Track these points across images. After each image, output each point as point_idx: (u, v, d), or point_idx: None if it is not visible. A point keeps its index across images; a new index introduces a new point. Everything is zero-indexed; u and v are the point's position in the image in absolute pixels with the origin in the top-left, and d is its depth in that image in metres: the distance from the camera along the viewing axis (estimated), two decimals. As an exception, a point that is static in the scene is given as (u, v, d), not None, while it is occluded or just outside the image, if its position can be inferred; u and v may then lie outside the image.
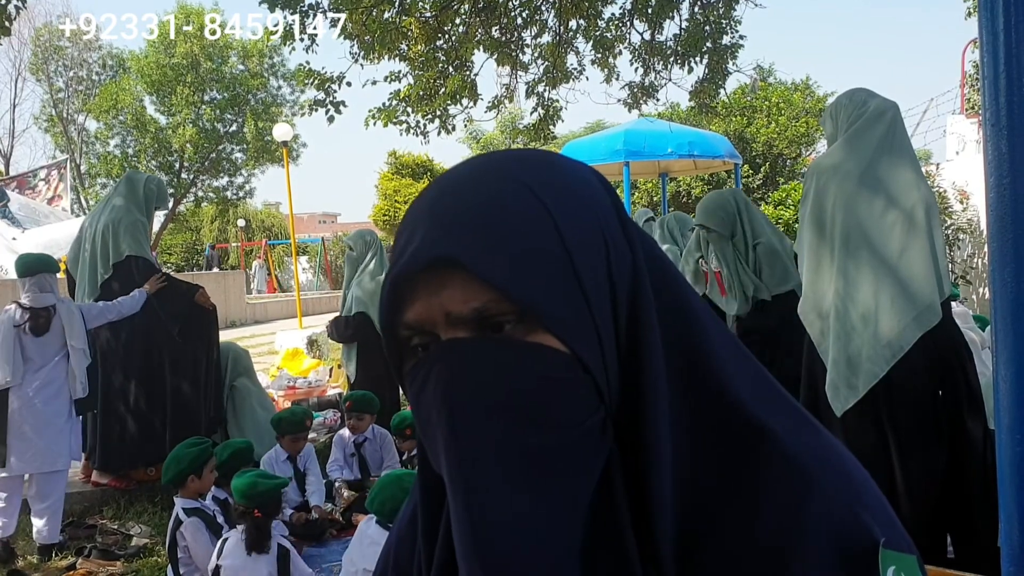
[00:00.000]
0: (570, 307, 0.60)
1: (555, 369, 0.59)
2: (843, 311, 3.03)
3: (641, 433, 0.61)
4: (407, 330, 0.63)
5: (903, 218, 2.98)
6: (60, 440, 4.48)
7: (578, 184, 0.65)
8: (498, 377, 0.58)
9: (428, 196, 0.65)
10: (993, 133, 1.43)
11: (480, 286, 0.59)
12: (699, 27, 7.77)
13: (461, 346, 0.60)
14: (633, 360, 0.62)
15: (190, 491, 3.71)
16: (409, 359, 0.65)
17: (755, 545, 0.60)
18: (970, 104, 15.97)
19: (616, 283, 0.63)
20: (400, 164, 21.95)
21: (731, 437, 0.64)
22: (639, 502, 0.61)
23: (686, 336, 0.65)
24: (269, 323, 18.38)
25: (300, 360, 8.77)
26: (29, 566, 4.31)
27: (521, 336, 0.60)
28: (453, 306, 0.60)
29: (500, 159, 0.66)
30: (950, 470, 3.00)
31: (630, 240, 0.66)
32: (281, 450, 4.87)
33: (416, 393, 0.62)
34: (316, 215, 64.50)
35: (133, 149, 27.20)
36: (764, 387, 0.67)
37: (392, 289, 0.62)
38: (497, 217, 0.60)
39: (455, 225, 0.60)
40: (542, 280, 0.59)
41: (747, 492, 0.62)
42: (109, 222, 5.20)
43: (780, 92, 18.89)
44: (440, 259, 0.59)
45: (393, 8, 7.29)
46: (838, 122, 3.22)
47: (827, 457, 0.65)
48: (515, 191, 0.62)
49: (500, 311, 0.59)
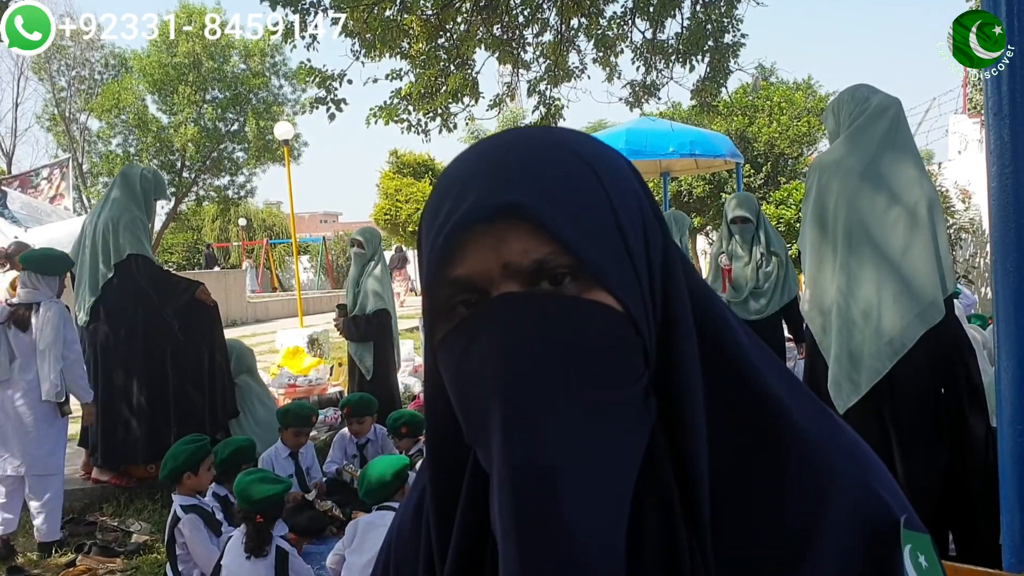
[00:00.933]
0: (622, 267, 0.60)
1: (611, 326, 0.59)
2: (845, 308, 3.02)
3: (677, 402, 0.61)
4: (451, 288, 0.61)
5: (906, 214, 2.96)
6: (47, 442, 4.40)
7: (617, 160, 0.66)
8: (555, 331, 0.57)
9: (473, 157, 0.64)
10: (995, 122, 1.42)
11: (541, 238, 0.58)
12: (701, 26, 7.76)
13: (517, 299, 0.59)
14: (667, 332, 0.63)
15: (186, 488, 3.71)
16: (443, 325, 0.63)
17: (780, 523, 0.61)
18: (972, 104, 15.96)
19: (652, 252, 0.63)
20: (401, 163, 21.91)
21: (755, 416, 0.64)
22: (678, 469, 0.61)
23: (710, 318, 0.66)
24: (270, 322, 18.38)
25: (301, 358, 8.76)
26: (29, 563, 4.31)
27: (576, 293, 0.59)
28: (513, 256, 0.59)
29: (543, 129, 0.66)
30: (952, 468, 2.99)
31: (658, 218, 0.66)
32: (283, 447, 4.86)
33: (459, 355, 0.60)
34: (317, 214, 64.53)
35: (135, 148, 27.20)
36: (778, 372, 0.68)
37: (444, 244, 0.60)
38: (555, 173, 0.60)
39: (516, 178, 0.60)
40: (600, 239, 0.60)
41: (772, 471, 0.63)
42: (108, 220, 5.17)
43: (782, 91, 18.87)
44: (506, 206, 0.58)
45: (394, 6, 7.28)
46: (840, 118, 3.21)
47: (843, 441, 0.67)
48: (568, 156, 0.62)
49: (558, 265, 0.59)
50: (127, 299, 5.15)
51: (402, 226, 20.48)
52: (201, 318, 5.33)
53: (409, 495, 0.82)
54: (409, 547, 0.75)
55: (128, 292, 5.14)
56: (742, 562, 0.61)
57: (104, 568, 4.13)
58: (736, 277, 5.30)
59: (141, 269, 5.15)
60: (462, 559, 0.64)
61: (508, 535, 0.55)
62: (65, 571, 4.10)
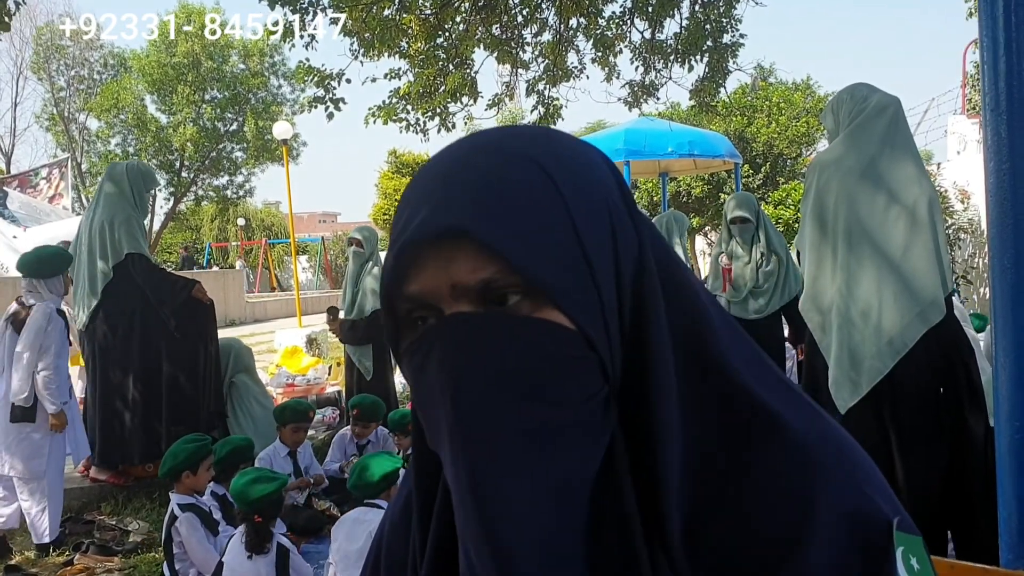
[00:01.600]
0: (577, 283, 0.59)
1: (561, 345, 0.58)
2: (845, 307, 3.02)
3: (648, 411, 0.60)
4: (408, 303, 0.62)
5: (906, 214, 2.96)
6: (25, 447, 4.36)
7: (584, 161, 0.64)
8: (503, 351, 0.57)
9: (431, 170, 0.64)
10: (993, 118, 1.42)
11: (488, 257, 0.58)
12: (700, 26, 7.77)
13: (466, 320, 0.59)
14: (638, 340, 0.62)
15: (185, 487, 3.71)
16: (408, 335, 0.63)
17: (766, 526, 0.60)
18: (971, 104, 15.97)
19: (621, 261, 0.62)
20: (400, 163, 21.95)
21: (737, 418, 0.63)
22: (645, 481, 0.60)
23: (689, 319, 0.65)
24: (268, 322, 18.38)
25: (299, 358, 8.76)
26: (27, 561, 4.30)
27: (527, 311, 0.59)
28: (460, 276, 0.59)
29: (503, 134, 0.65)
30: (951, 468, 2.99)
31: (635, 220, 0.65)
32: (281, 445, 4.86)
33: (416, 368, 0.61)
34: (316, 214, 64.54)
35: (134, 148, 27.20)
36: (764, 370, 0.67)
37: (396, 261, 0.61)
38: (505, 189, 0.59)
39: (463, 196, 0.59)
40: (550, 254, 0.58)
41: (756, 473, 0.62)
42: (103, 220, 5.15)
43: (780, 92, 18.89)
44: (449, 229, 0.58)
45: (393, 5, 7.29)
46: (839, 117, 3.20)
47: (832, 440, 0.65)
48: (522, 165, 0.61)
49: (506, 284, 0.58)
50: (125, 299, 5.14)
51: (401, 226, 20.48)
52: (197, 317, 5.32)
53: (400, 489, 0.82)
54: (400, 540, 0.76)
55: (127, 292, 5.13)
56: (723, 567, 0.60)
57: (102, 567, 4.13)
58: (736, 277, 5.31)
59: (138, 268, 5.15)
60: (439, 555, 0.65)
61: (462, 550, 0.57)
62: (63, 570, 4.10)
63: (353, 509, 3.41)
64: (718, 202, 17.92)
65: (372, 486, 3.33)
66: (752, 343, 0.69)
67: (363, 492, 3.35)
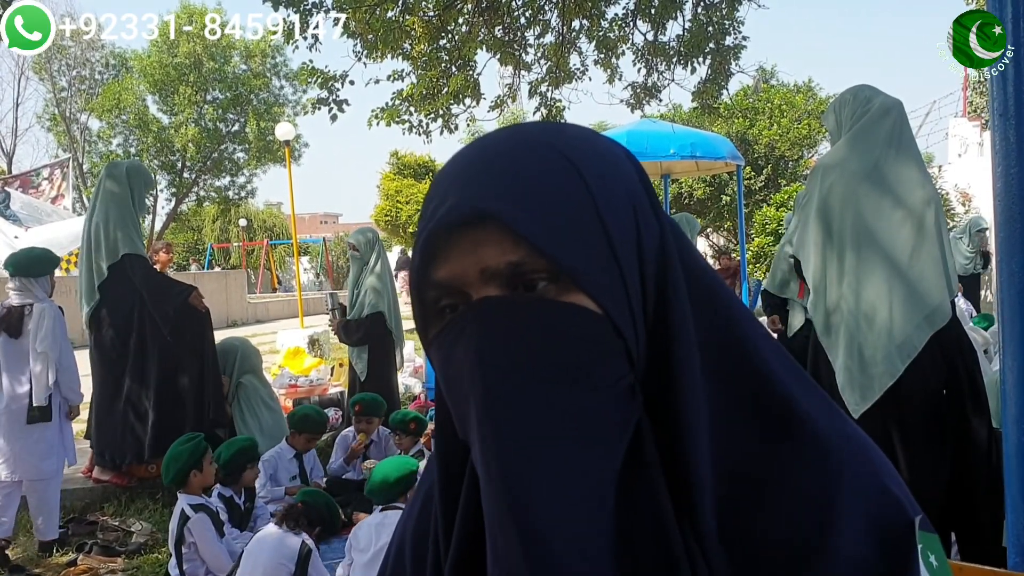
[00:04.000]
0: (602, 268, 0.60)
1: (589, 330, 0.59)
2: (855, 311, 3.01)
3: (674, 398, 0.61)
4: (436, 290, 0.63)
5: (911, 217, 2.97)
6: (40, 447, 4.36)
7: (608, 155, 0.66)
8: (532, 334, 0.58)
9: (460, 160, 0.65)
10: (1001, 122, 1.42)
11: (515, 241, 0.59)
12: (702, 28, 7.76)
13: (495, 304, 0.60)
14: (662, 330, 0.63)
15: (194, 487, 3.70)
16: (435, 324, 0.64)
17: (793, 519, 0.61)
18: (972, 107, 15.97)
19: (644, 252, 0.63)
20: (402, 164, 21.90)
21: (762, 410, 0.64)
22: (672, 470, 0.61)
23: (712, 312, 0.65)
24: (270, 322, 18.38)
25: (301, 359, 8.75)
26: (30, 561, 4.31)
27: (554, 296, 0.60)
28: (489, 260, 0.60)
29: (532, 128, 0.67)
30: (955, 470, 2.99)
31: (658, 215, 0.66)
32: (287, 447, 4.86)
33: (445, 355, 0.62)
34: (318, 215, 64.52)
35: (135, 148, 27.20)
36: (787, 365, 0.68)
37: (424, 247, 0.62)
38: (533, 177, 0.61)
39: (492, 183, 0.61)
40: (576, 239, 0.59)
41: (782, 464, 0.63)
42: (99, 221, 5.16)
43: (782, 94, 18.89)
44: (477, 213, 0.59)
45: (396, 7, 7.29)
46: (841, 118, 3.21)
47: (855, 439, 0.66)
48: (549, 155, 0.62)
49: (534, 268, 0.59)
50: (122, 300, 5.13)
51: (402, 227, 20.48)
52: (192, 323, 5.28)
53: (419, 485, 0.82)
54: (422, 536, 0.75)
55: (123, 293, 5.12)
56: (751, 561, 0.61)
57: (105, 568, 4.13)
58: None
59: (136, 270, 5.14)
60: (465, 545, 0.65)
61: (489, 537, 0.58)
62: (66, 570, 4.10)
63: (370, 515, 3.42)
64: (719, 204, 17.93)
65: (393, 487, 3.33)
66: (772, 337, 0.70)
67: (381, 496, 3.35)
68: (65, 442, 4.55)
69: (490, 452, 0.57)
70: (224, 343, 5.61)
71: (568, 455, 0.56)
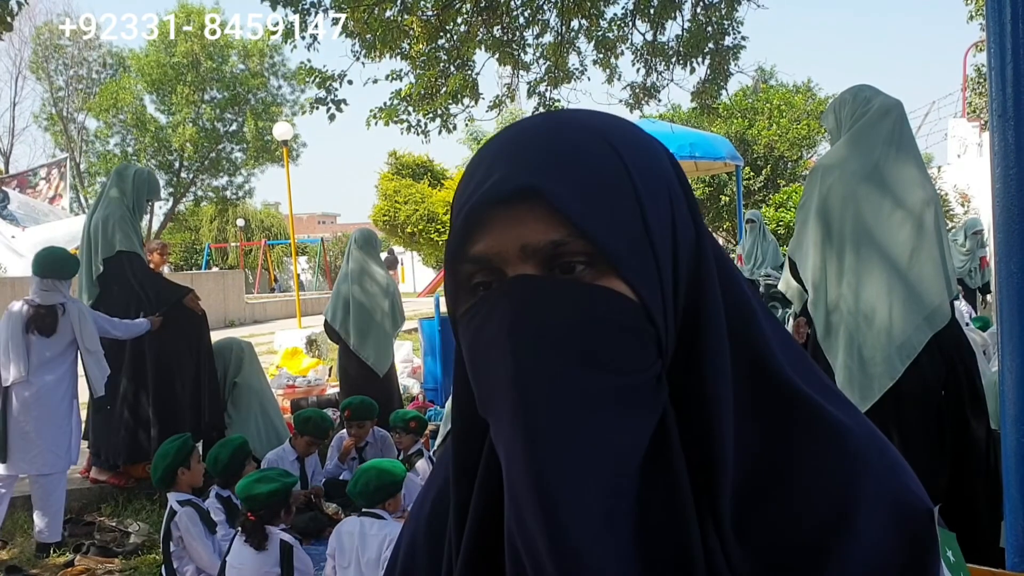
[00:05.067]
0: (640, 255, 0.60)
1: (623, 315, 0.59)
2: (855, 312, 3.01)
3: (701, 388, 0.62)
4: (471, 264, 0.62)
5: (911, 218, 2.97)
6: (60, 443, 4.44)
7: (649, 148, 0.66)
8: (567, 316, 0.58)
9: (503, 138, 0.65)
10: (1000, 124, 1.42)
11: (559, 221, 0.59)
12: (701, 28, 7.77)
13: (531, 282, 0.60)
14: (692, 320, 0.63)
15: (182, 484, 3.71)
16: (466, 300, 0.64)
17: (813, 510, 0.62)
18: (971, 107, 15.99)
19: (679, 244, 0.63)
20: (400, 164, 21.86)
21: (783, 402, 0.65)
22: (696, 457, 0.61)
23: (738, 309, 0.66)
24: (268, 323, 18.36)
25: (299, 359, 8.75)
26: (27, 562, 4.30)
27: (591, 279, 0.60)
28: (530, 236, 0.59)
29: (575, 113, 0.67)
30: (953, 470, 2.99)
31: (692, 211, 0.67)
32: (290, 449, 4.84)
33: (475, 330, 0.62)
34: (316, 215, 64.48)
35: (133, 148, 27.21)
36: (805, 363, 0.69)
37: (465, 221, 0.61)
38: (579, 158, 0.61)
39: (538, 160, 0.61)
40: (616, 224, 0.60)
41: (801, 457, 0.64)
42: (100, 218, 5.20)
43: (781, 94, 18.91)
44: (523, 189, 0.59)
45: (395, 6, 7.29)
46: (840, 117, 3.21)
47: (872, 435, 0.68)
48: (594, 139, 0.63)
49: (574, 250, 0.59)
50: (118, 297, 5.14)
51: (400, 227, 20.45)
52: (189, 324, 5.28)
53: (428, 485, 0.82)
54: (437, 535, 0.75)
55: (119, 290, 5.13)
56: (771, 548, 0.61)
57: (102, 568, 4.13)
58: None
59: (135, 267, 5.15)
60: (480, 524, 0.65)
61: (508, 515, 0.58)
62: (63, 571, 4.09)
63: (350, 518, 3.39)
64: (718, 204, 17.95)
65: (380, 490, 3.31)
66: (792, 337, 0.71)
67: (364, 499, 3.33)
68: (72, 440, 4.58)
69: (517, 428, 0.57)
70: (220, 343, 5.59)
71: (593, 438, 0.56)
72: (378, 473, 3.34)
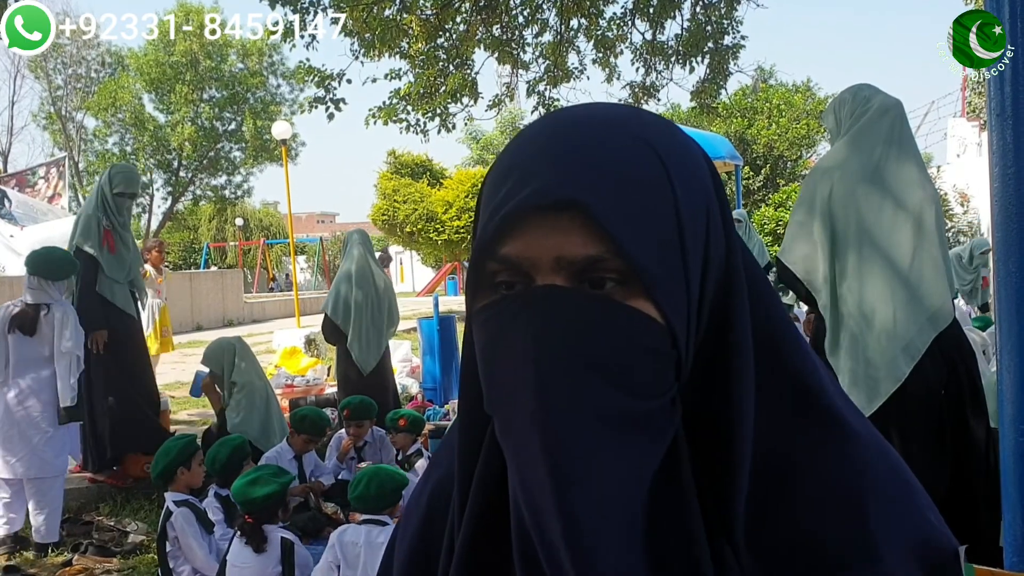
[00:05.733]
0: (673, 277, 0.59)
1: (649, 337, 0.58)
2: (857, 314, 3.00)
3: (726, 407, 0.61)
4: (498, 263, 0.61)
5: (912, 218, 2.96)
6: (51, 446, 4.35)
7: (691, 154, 0.64)
8: (593, 333, 0.57)
9: (542, 135, 0.63)
10: (998, 123, 1.42)
11: (598, 237, 0.57)
12: (700, 27, 7.78)
13: (561, 294, 0.58)
14: (719, 337, 0.62)
15: (180, 484, 3.70)
16: (485, 296, 0.63)
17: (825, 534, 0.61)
18: (971, 107, 15.99)
19: (710, 260, 0.62)
20: (399, 163, 21.86)
21: (806, 421, 0.65)
22: (708, 475, 0.61)
23: (766, 322, 0.65)
24: (267, 322, 18.36)
25: (298, 359, 8.74)
26: (26, 562, 4.29)
27: (621, 298, 0.58)
28: (568, 249, 0.58)
29: (621, 111, 0.64)
30: (953, 470, 2.99)
31: (725, 221, 0.65)
32: (287, 448, 4.83)
33: (493, 329, 0.61)
34: (314, 214, 64.49)
35: (131, 147, 27.21)
36: (828, 381, 0.68)
37: (501, 223, 0.59)
38: (623, 168, 0.59)
39: (582, 170, 0.58)
40: (655, 244, 0.58)
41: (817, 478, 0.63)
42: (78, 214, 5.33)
43: (781, 94, 18.91)
44: (568, 201, 0.57)
45: (394, 5, 7.29)
46: (840, 117, 3.20)
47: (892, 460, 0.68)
48: (640, 149, 0.60)
49: (609, 267, 0.58)
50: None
51: (399, 226, 20.46)
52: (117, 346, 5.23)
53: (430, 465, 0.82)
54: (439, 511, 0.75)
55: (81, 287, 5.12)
56: (784, 564, 0.61)
57: (100, 568, 4.12)
58: None
59: (83, 267, 5.05)
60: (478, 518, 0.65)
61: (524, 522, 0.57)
62: (61, 571, 4.09)
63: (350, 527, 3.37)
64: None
65: (382, 498, 3.29)
66: (815, 355, 0.70)
67: (364, 505, 3.31)
68: (72, 439, 4.57)
69: (533, 436, 0.56)
70: (211, 348, 5.57)
71: (607, 455, 0.56)
72: (380, 481, 3.32)
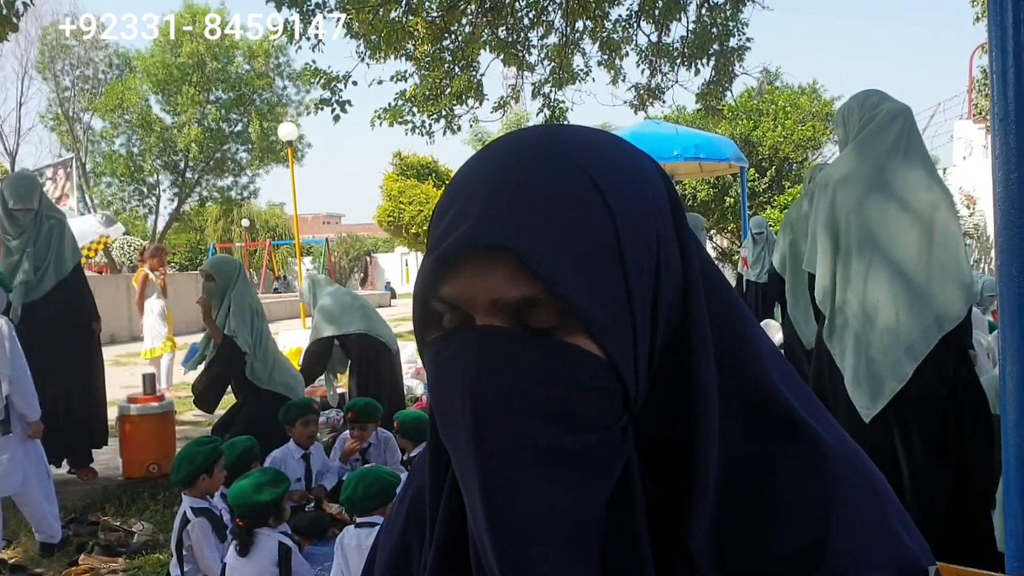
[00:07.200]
0: (615, 313, 0.58)
1: (589, 374, 0.58)
2: (862, 316, 3.01)
3: (688, 425, 0.61)
4: (441, 303, 0.61)
5: (919, 221, 2.96)
6: (14, 465, 4.11)
7: (636, 173, 0.63)
8: (531, 372, 0.57)
9: (476, 171, 0.62)
10: (1001, 128, 1.42)
11: (529, 276, 0.56)
12: (706, 29, 7.78)
13: (497, 335, 0.58)
14: (678, 359, 0.61)
15: (199, 490, 3.67)
16: (433, 330, 0.63)
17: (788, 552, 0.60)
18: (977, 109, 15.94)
19: (661, 287, 0.61)
20: (405, 165, 21.91)
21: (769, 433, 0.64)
22: (664, 497, 0.60)
23: (733, 338, 0.64)
24: (273, 323, 18.37)
25: (303, 359, 8.75)
26: (32, 561, 4.31)
27: (560, 336, 0.58)
28: (499, 291, 0.58)
29: (559, 136, 0.63)
30: (956, 470, 2.99)
31: (681, 239, 0.64)
32: (295, 447, 4.83)
33: (438, 367, 0.61)
34: (320, 216, 64.59)
35: (138, 148, 27.30)
36: (799, 390, 0.67)
37: (435, 265, 0.59)
38: (553, 206, 0.58)
39: (509, 209, 0.58)
40: (592, 283, 0.57)
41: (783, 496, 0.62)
42: None
43: (787, 95, 18.87)
44: (492, 244, 0.57)
45: (400, 7, 7.31)
46: (848, 126, 3.20)
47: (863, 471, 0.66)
48: (576, 179, 0.59)
49: (544, 307, 0.58)
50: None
51: (405, 228, 20.50)
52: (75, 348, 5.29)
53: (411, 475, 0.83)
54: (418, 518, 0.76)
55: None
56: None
57: (106, 568, 4.14)
58: None
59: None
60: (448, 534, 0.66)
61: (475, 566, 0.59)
62: (67, 570, 4.10)
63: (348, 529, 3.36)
64: (723, 206, 17.91)
65: (370, 499, 3.28)
66: (788, 363, 0.70)
67: (356, 507, 3.30)
68: (30, 454, 4.26)
69: (473, 480, 0.57)
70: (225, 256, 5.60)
71: (550, 492, 0.56)
72: (367, 483, 3.30)
